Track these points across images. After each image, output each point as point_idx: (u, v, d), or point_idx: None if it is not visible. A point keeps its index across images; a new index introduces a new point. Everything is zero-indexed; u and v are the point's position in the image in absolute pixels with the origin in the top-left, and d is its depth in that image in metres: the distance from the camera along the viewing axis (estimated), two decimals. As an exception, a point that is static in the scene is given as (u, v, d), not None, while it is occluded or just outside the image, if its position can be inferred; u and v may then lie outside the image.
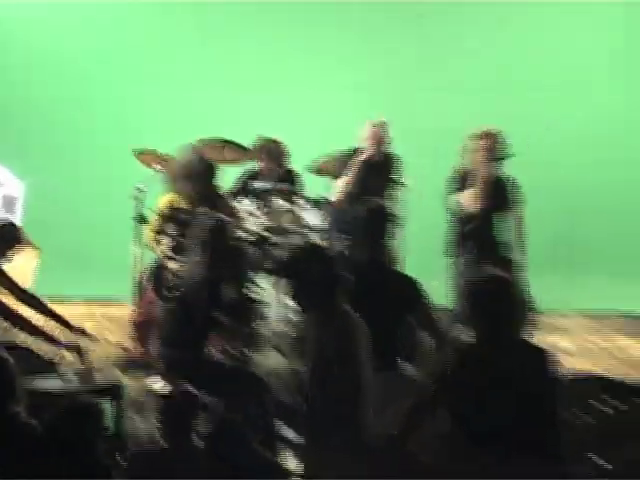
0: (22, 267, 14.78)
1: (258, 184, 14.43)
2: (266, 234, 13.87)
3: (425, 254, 13.54)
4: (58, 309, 13.34)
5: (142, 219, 13.32)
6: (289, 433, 9.31)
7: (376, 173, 14.37)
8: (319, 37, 17.10)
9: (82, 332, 11.55)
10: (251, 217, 14.00)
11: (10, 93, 16.61)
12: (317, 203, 14.24)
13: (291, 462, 9.05)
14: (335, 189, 14.54)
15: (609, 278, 15.42)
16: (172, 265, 12.83)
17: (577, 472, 8.40)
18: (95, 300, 14.80)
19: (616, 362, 13.73)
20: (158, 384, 10.50)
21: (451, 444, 8.46)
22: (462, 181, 12.98)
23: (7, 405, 7.93)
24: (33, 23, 16.92)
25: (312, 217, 14.11)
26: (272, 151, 14.42)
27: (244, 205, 14.04)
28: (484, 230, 12.97)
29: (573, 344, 14.24)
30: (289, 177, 14.45)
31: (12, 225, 12.34)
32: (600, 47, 16.88)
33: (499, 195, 13.19)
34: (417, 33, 17.12)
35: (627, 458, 8.91)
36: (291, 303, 11.53)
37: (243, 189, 14.44)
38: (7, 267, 14.51)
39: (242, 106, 16.43)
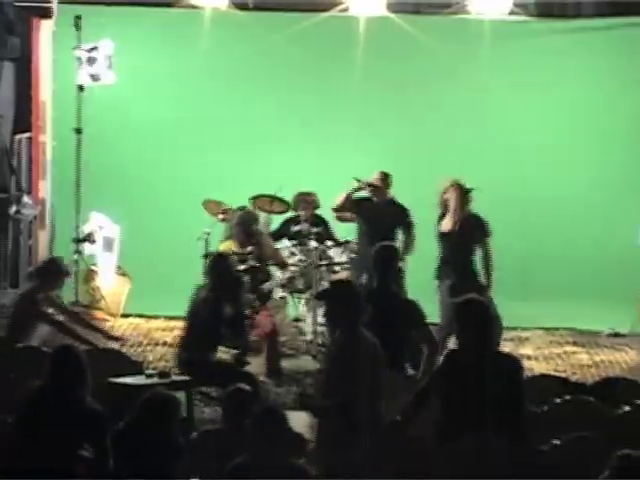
0: (115, 292, 16.52)
1: (296, 228, 15.48)
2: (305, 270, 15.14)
3: (424, 278, 14.31)
4: (145, 324, 15.47)
5: (207, 256, 14.53)
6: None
7: (384, 216, 14.91)
8: (333, 109, 17.18)
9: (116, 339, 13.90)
10: (291, 255, 15.33)
11: (107, 154, 16.93)
12: (341, 244, 15.34)
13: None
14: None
15: (559, 302, 16.01)
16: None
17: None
18: (175, 317, 14.82)
19: (564, 365, 14.71)
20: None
21: (440, 428, 9.42)
22: (442, 215, 14.07)
23: (76, 390, 8.82)
24: (129, 98, 17.10)
25: (338, 254, 15.26)
26: (308, 202, 15.57)
27: (285, 245, 15.41)
28: (460, 258, 14.10)
29: (533, 351, 15.06)
30: (320, 222, 15.55)
31: (57, 261, 13.91)
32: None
33: (472, 229, 14.22)
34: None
35: (579, 437, 9.17)
36: (322, 320, 13.53)
37: (285, 233, 15.63)
38: (105, 293, 16.31)
39: (284, 167, 16.62)
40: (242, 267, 14.59)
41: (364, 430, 9.36)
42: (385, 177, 15.11)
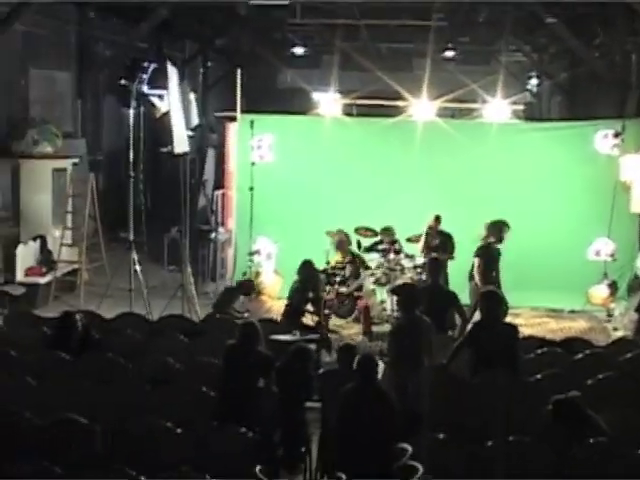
0: (273, 285, 16.69)
1: (381, 247, 15.42)
2: (387, 272, 15.22)
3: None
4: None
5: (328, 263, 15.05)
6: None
7: (437, 239, 15.04)
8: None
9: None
10: (378, 266, 15.38)
11: (268, 202, 16.58)
12: (408, 256, 15.26)
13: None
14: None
15: (539, 291, 15.76)
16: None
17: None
18: None
19: (542, 330, 14.72)
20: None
21: (470, 368, 9.69)
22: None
23: (254, 344, 9.00)
24: (282, 170, 16.80)
25: (407, 263, 15.12)
26: (389, 231, 15.44)
27: (374, 258, 15.52)
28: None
29: (523, 321, 14.96)
30: (396, 243, 15.42)
31: (251, 281, 14.51)
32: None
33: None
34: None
35: (552, 372, 9.46)
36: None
37: (374, 249, 15.56)
38: (267, 285, 16.23)
39: (376, 209, 16.29)
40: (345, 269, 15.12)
41: (416, 370, 9.33)
42: (437, 218, 15.09)
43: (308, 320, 13.48)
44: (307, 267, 13.76)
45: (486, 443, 7.62)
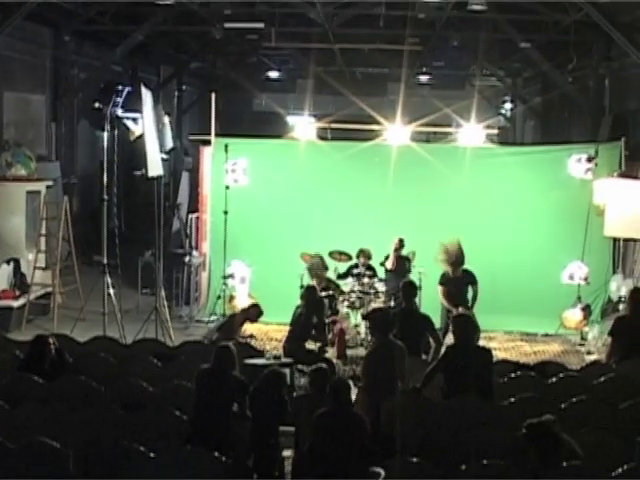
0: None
1: (356, 271, 15.34)
2: (361, 296, 15.09)
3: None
4: (264, 327, 15.37)
5: (303, 287, 14.64)
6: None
7: (403, 263, 15.17)
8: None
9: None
10: (352, 290, 15.28)
11: (242, 226, 16.56)
12: (382, 280, 15.29)
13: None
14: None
15: (513, 315, 15.93)
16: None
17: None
18: (283, 323, 14.41)
19: (516, 353, 14.78)
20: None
21: (443, 391, 9.64)
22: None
23: (230, 368, 8.89)
24: (256, 193, 16.80)
25: (381, 287, 15.17)
26: (365, 254, 15.35)
27: (349, 282, 15.43)
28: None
29: (497, 345, 15.06)
30: (371, 267, 15.40)
31: (257, 305, 14.25)
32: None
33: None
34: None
35: (526, 396, 9.34)
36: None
37: (348, 274, 15.51)
38: (241, 308, 15.96)
39: (348, 232, 16.30)
40: (323, 294, 14.77)
41: (389, 394, 9.21)
42: (400, 241, 15.12)
43: (311, 345, 13.42)
44: (311, 292, 13.71)
45: (460, 467, 7.58)
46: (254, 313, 14.12)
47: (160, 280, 14.91)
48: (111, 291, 13.93)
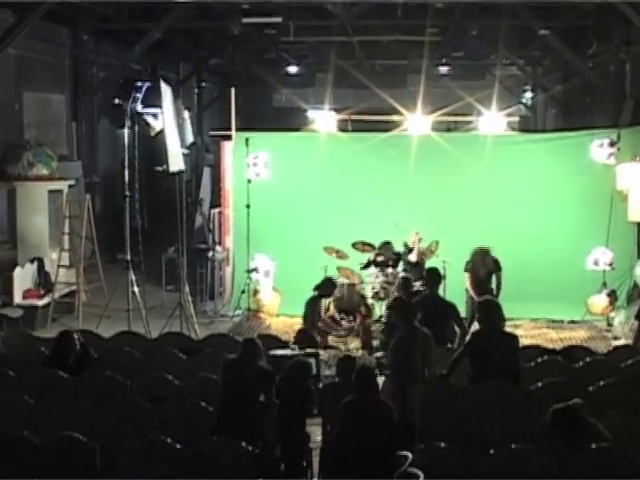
0: (272, 302, 16.59)
1: (380, 259, 15.28)
2: (385, 286, 15.08)
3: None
4: (289, 320, 15.48)
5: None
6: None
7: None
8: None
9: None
10: (376, 278, 15.32)
11: (265, 219, 16.53)
12: (406, 270, 15.24)
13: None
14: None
15: (539, 302, 15.77)
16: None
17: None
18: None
19: (542, 340, 14.58)
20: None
21: (470, 377, 9.66)
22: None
23: (255, 359, 8.85)
24: (278, 186, 16.74)
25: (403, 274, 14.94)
26: (388, 245, 15.40)
27: (373, 271, 15.39)
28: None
29: (523, 332, 14.83)
30: (395, 258, 15.37)
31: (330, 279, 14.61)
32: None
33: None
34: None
35: (553, 381, 9.37)
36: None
37: (372, 264, 15.42)
38: (265, 302, 16.15)
39: (369, 223, 16.17)
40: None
41: (416, 381, 9.22)
42: (416, 234, 15.21)
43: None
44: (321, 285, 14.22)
45: (488, 452, 7.59)
46: (328, 287, 14.56)
47: (184, 276, 14.92)
48: (135, 288, 14.00)
